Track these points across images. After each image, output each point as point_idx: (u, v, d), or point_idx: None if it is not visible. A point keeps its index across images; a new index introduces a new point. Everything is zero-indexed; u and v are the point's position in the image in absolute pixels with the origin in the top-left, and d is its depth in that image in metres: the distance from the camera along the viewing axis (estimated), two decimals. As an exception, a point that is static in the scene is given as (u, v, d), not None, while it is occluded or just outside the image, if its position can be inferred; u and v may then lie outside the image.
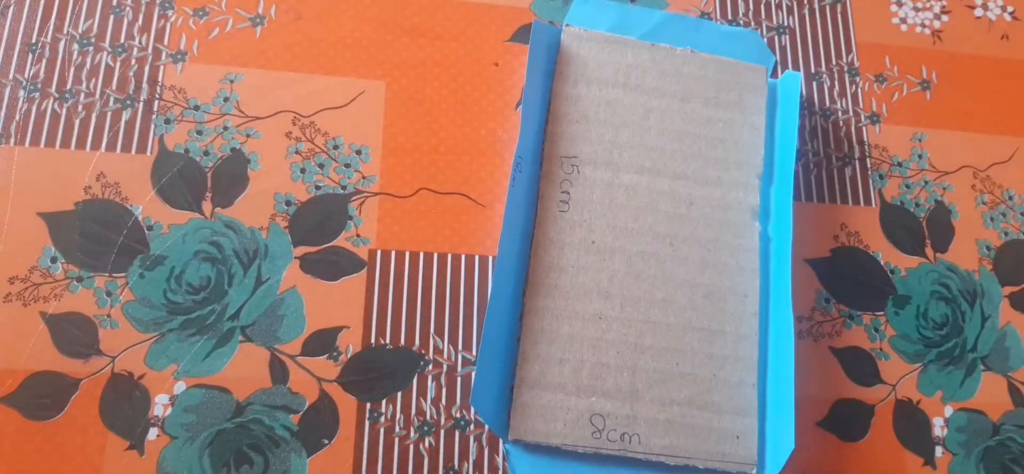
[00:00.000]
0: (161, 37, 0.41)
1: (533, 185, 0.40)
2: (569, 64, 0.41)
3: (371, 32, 0.43)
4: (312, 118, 0.41)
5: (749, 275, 0.39)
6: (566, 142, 0.40)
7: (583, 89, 0.41)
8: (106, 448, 0.35)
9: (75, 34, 0.41)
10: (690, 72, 0.42)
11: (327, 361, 0.37)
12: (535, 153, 0.40)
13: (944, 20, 0.49)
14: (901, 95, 0.46)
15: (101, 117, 0.39)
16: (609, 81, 0.41)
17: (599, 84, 0.41)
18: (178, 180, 0.39)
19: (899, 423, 0.40)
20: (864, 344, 0.41)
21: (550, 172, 0.40)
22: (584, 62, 0.41)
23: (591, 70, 0.41)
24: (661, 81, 0.42)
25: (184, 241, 0.38)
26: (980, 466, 0.40)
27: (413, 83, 0.42)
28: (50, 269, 0.37)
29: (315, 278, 0.38)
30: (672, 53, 0.42)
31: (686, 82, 0.42)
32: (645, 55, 0.42)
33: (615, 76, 0.41)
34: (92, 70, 0.40)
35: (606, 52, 0.42)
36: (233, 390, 0.36)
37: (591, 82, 0.41)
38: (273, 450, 0.36)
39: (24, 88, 0.39)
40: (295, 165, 0.40)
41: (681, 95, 0.41)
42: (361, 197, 0.40)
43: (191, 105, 0.40)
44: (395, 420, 0.37)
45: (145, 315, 0.37)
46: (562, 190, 0.39)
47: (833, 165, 0.44)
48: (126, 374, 0.36)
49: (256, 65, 0.41)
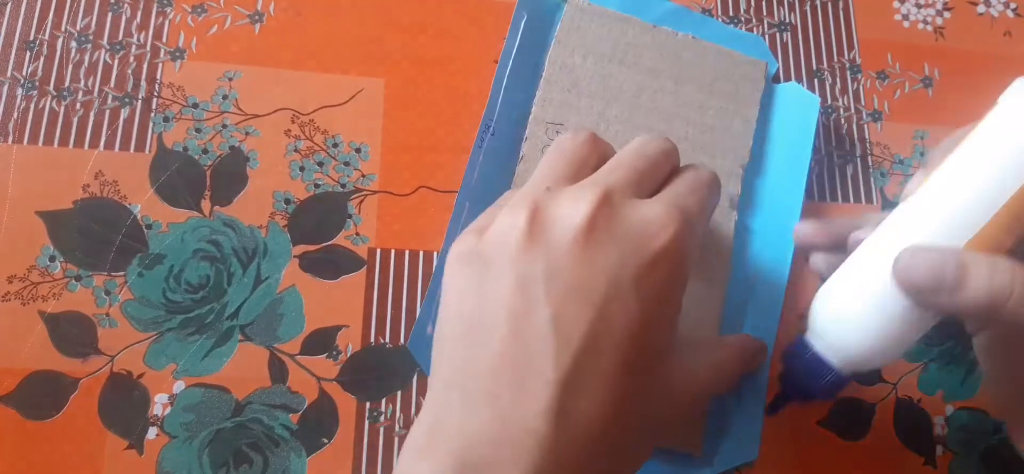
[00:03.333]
0: (159, 34, 0.41)
1: (509, 149, 0.39)
2: (570, 33, 0.41)
3: (371, 29, 0.43)
4: (311, 116, 0.41)
5: (720, 267, 0.39)
6: (554, 108, 0.40)
7: (579, 59, 0.41)
8: (105, 447, 0.35)
9: (73, 31, 0.40)
10: (688, 57, 0.42)
11: (327, 360, 0.37)
12: (515, 122, 0.40)
13: (946, 17, 0.48)
14: (903, 92, 0.46)
15: (99, 115, 0.39)
16: (606, 55, 0.41)
17: (596, 57, 0.41)
18: (177, 178, 0.39)
19: (900, 422, 0.40)
20: (865, 343, 0.41)
21: (534, 135, 0.40)
22: (584, 33, 0.41)
23: (590, 42, 0.41)
24: (658, 62, 0.42)
25: (183, 240, 0.38)
26: (981, 465, 0.40)
27: (413, 81, 0.42)
28: (49, 268, 0.36)
29: (314, 277, 0.38)
30: (673, 36, 0.42)
31: (683, 66, 0.42)
32: (647, 36, 0.42)
33: (613, 51, 0.41)
34: (90, 68, 0.40)
35: (607, 27, 0.42)
36: (232, 389, 0.36)
37: (588, 54, 0.41)
38: (272, 449, 0.35)
39: (22, 86, 0.39)
40: (294, 163, 0.40)
41: (676, 78, 0.41)
42: (361, 195, 0.40)
43: (190, 103, 0.40)
44: (395, 419, 0.37)
45: (144, 314, 0.36)
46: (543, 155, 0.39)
47: (834, 163, 0.44)
48: (125, 373, 0.36)
49: (255, 62, 0.41)
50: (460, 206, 0.38)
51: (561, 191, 0.29)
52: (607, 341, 0.27)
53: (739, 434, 0.38)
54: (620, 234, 0.28)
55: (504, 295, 0.27)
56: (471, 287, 0.28)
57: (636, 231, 0.28)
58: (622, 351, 0.27)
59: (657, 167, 0.32)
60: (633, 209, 0.29)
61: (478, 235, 0.29)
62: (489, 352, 0.27)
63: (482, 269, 0.28)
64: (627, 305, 0.27)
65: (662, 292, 0.28)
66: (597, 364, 0.27)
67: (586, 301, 0.27)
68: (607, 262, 0.27)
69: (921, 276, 0.29)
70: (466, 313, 0.28)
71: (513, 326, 0.27)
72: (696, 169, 0.33)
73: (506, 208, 0.29)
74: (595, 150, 0.32)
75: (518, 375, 0.26)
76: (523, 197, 0.29)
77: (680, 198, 0.30)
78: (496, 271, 0.28)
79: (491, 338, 0.27)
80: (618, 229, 0.28)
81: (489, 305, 0.27)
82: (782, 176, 0.42)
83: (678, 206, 0.29)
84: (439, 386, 0.28)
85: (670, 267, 0.29)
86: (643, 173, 0.31)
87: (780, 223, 0.41)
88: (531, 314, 0.27)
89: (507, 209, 0.29)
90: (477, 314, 0.27)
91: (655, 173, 0.32)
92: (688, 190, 0.31)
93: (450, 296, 0.29)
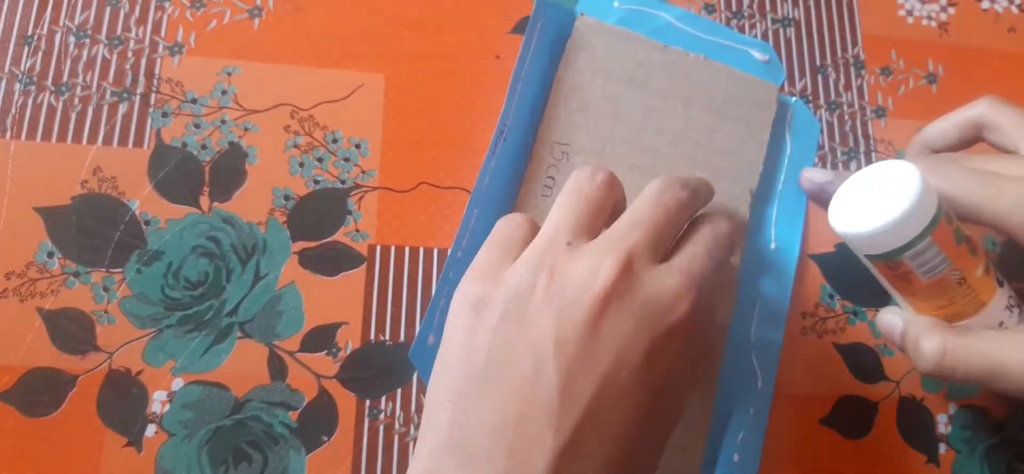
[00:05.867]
0: (158, 29, 0.41)
1: (515, 163, 0.39)
2: (579, 52, 0.40)
3: (371, 24, 0.42)
4: (311, 111, 0.40)
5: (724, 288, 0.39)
6: (562, 129, 0.39)
7: (588, 78, 0.40)
8: (104, 445, 0.34)
9: (71, 26, 0.40)
10: (699, 78, 0.41)
11: (326, 357, 0.37)
12: (524, 132, 0.39)
13: (950, 13, 0.48)
14: (907, 88, 0.46)
15: (97, 110, 0.39)
16: (615, 75, 0.40)
17: (604, 76, 0.40)
18: (175, 174, 0.38)
19: (903, 420, 0.40)
20: (868, 340, 0.41)
21: (540, 155, 0.39)
22: (594, 52, 0.40)
23: (599, 62, 0.40)
24: (668, 83, 0.41)
25: (182, 236, 0.37)
26: (984, 464, 0.40)
27: (413, 76, 0.42)
28: (47, 264, 0.36)
29: (314, 274, 0.38)
30: (684, 57, 0.41)
31: (693, 88, 0.41)
32: (657, 55, 0.41)
33: (623, 71, 0.40)
34: (88, 63, 0.40)
35: (618, 46, 0.41)
36: (231, 387, 0.36)
37: (597, 73, 0.40)
38: (272, 447, 0.35)
39: (19, 81, 0.39)
40: (294, 159, 0.39)
41: (686, 99, 0.40)
42: (360, 191, 0.40)
43: (189, 98, 0.40)
44: (395, 417, 0.37)
45: (142, 311, 0.36)
46: (548, 175, 0.39)
47: (838, 159, 0.44)
48: (124, 370, 0.35)
49: (254, 58, 0.41)
50: (469, 213, 0.37)
51: (581, 249, 0.29)
52: (613, 411, 0.27)
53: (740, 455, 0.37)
54: (636, 306, 0.28)
55: (512, 355, 0.27)
56: (479, 342, 0.28)
57: (652, 302, 0.28)
58: (628, 419, 0.27)
59: (677, 222, 0.31)
60: (651, 279, 0.28)
61: (492, 283, 0.29)
62: (491, 413, 0.26)
63: (492, 323, 0.28)
64: (635, 376, 0.27)
65: (673, 366, 0.28)
66: (600, 433, 0.26)
67: (593, 372, 0.27)
68: (621, 334, 0.27)
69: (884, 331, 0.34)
70: (471, 367, 0.27)
71: (520, 394, 0.26)
72: (714, 224, 0.32)
73: (523, 262, 0.29)
74: (611, 194, 0.32)
75: (518, 441, 0.26)
76: (542, 253, 0.29)
77: (696, 261, 0.30)
78: (507, 329, 0.27)
79: (492, 405, 0.26)
80: (635, 301, 0.28)
81: (496, 364, 0.27)
82: (787, 201, 0.41)
83: (695, 275, 0.29)
84: (434, 442, 0.27)
85: (684, 341, 0.28)
86: (662, 229, 0.30)
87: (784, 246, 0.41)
88: (539, 379, 0.26)
89: (524, 264, 0.29)
90: (479, 374, 0.27)
91: (674, 229, 0.31)
92: (705, 251, 0.30)
93: (455, 344, 0.28)
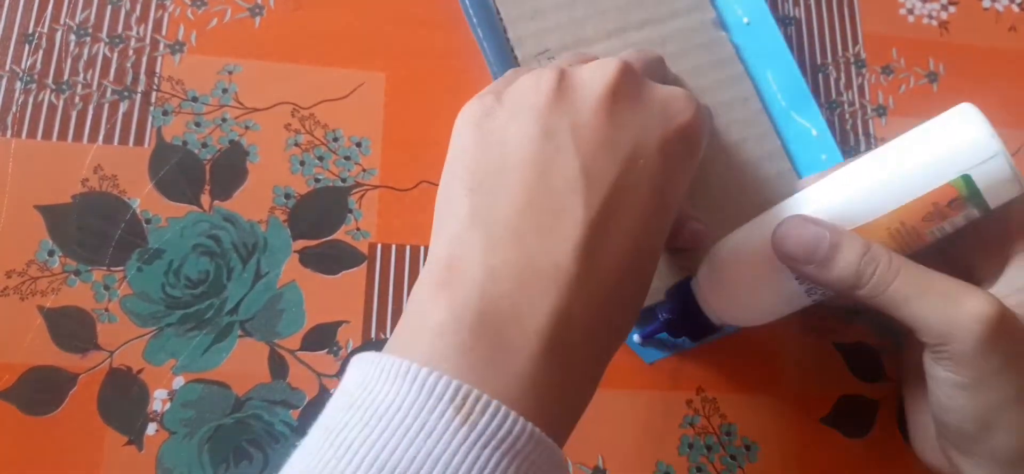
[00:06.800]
0: (159, 27, 0.41)
1: None
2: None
3: (371, 23, 0.42)
4: (311, 110, 0.40)
5: (740, 81, 0.41)
6: (533, 41, 0.40)
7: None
8: (104, 443, 0.34)
9: (72, 24, 0.40)
10: None
11: (327, 356, 0.37)
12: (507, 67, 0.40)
13: (951, 11, 0.48)
14: (908, 87, 0.46)
15: (98, 109, 0.39)
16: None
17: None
18: (176, 173, 0.38)
19: (903, 419, 0.40)
20: (869, 340, 0.41)
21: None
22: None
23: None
24: None
25: (182, 234, 0.37)
26: None
27: (414, 74, 0.42)
28: (48, 263, 0.36)
29: (315, 272, 0.38)
30: None
31: None
32: None
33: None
34: (89, 61, 0.40)
35: None
36: (232, 385, 0.36)
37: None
38: (272, 446, 0.35)
39: (20, 79, 0.39)
40: (294, 158, 0.39)
41: None
42: (361, 190, 0.40)
43: (189, 96, 0.40)
44: (395, 415, 0.37)
45: (143, 309, 0.36)
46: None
47: (838, 158, 0.44)
48: (124, 369, 0.35)
49: (255, 56, 0.41)
50: None
51: (584, 63, 0.30)
52: (632, 194, 0.27)
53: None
54: (645, 103, 0.29)
55: (530, 145, 0.27)
56: (491, 140, 0.28)
57: (660, 104, 0.29)
58: (644, 207, 0.27)
59: (658, 65, 0.35)
60: (655, 86, 0.30)
61: (495, 96, 0.29)
62: (512, 197, 0.26)
63: (504, 122, 0.28)
64: (652, 165, 0.28)
65: (682, 163, 0.29)
66: (621, 215, 0.27)
67: (614, 155, 0.27)
68: (633, 124, 0.28)
69: (793, 246, 0.31)
70: (484, 164, 0.28)
71: (540, 173, 0.27)
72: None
73: (529, 73, 0.29)
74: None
75: (546, 217, 0.26)
76: (543, 69, 0.29)
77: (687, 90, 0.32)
78: (520, 123, 0.28)
79: (515, 185, 0.27)
80: (643, 98, 0.29)
81: (512, 155, 0.27)
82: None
83: (691, 94, 0.31)
84: (456, 228, 0.27)
85: (690, 144, 0.29)
86: (649, 63, 0.34)
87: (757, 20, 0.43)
88: (559, 162, 0.27)
89: (530, 73, 0.29)
90: (497, 164, 0.27)
91: (656, 72, 0.35)
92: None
93: (463, 151, 0.28)
